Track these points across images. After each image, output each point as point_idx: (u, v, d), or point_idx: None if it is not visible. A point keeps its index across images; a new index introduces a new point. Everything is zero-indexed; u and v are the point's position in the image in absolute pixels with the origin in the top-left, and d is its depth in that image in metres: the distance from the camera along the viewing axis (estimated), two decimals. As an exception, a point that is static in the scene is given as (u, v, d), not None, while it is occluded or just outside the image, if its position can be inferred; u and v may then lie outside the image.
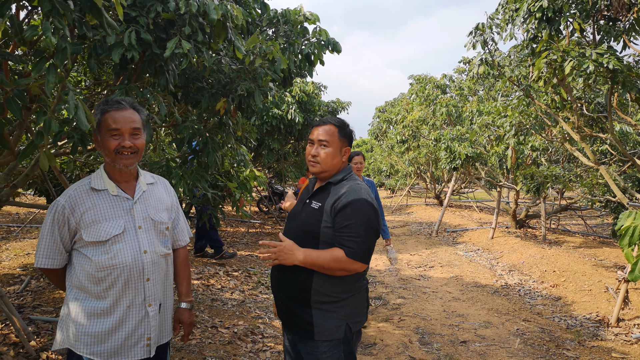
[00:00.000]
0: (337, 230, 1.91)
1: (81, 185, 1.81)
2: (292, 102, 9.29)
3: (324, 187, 2.04)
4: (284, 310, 2.05)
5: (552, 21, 4.72)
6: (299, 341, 2.00)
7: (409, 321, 4.75)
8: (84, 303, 1.76)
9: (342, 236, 1.89)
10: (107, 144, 1.78)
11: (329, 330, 1.92)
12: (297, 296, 1.96)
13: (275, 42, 3.04)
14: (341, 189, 1.97)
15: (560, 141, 6.86)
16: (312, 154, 2.01)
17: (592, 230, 11.00)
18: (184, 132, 3.23)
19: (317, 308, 1.93)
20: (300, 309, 1.95)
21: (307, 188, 2.19)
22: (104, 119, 1.79)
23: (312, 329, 1.92)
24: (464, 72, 13.82)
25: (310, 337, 1.93)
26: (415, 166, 16.24)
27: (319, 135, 2.01)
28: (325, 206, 1.95)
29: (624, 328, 4.61)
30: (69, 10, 1.75)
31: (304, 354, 1.99)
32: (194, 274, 6.05)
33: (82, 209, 1.75)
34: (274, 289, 2.08)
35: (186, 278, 2.10)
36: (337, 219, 1.90)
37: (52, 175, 4.29)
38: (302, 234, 1.98)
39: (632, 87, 4.39)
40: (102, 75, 3.98)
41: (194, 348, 3.70)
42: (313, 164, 2.02)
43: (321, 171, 2.02)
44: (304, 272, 1.94)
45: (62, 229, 1.75)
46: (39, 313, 4.01)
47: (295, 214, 2.11)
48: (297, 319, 1.97)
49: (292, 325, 2.01)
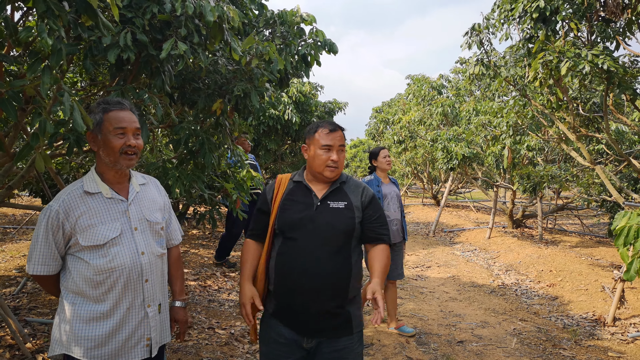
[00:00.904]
0: (370, 222, 2.04)
1: (74, 189, 1.77)
2: (288, 102, 9.29)
3: (337, 187, 2.07)
4: (321, 317, 1.95)
5: (549, 21, 4.74)
6: (329, 343, 1.97)
7: (406, 321, 4.76)
8: (82, 307, 1.74)
9: (376, 227, 2.04)
10: (112, 143, 1.76)
11: (359, 320, 2.04)
12: (340, 298, 1.96)
13: (271, 43, 3.04)
14: (356, 186, 2.10)
15: (556, 141, 6.88)
16: (333, 159, 2.01)
17: (589, 230, 11.05)
18: (181, 133, 3.22)
19: (350, 303, 2.01)
20: (340, 309, 1.97)
21: (293, 192, 2.08)
22: (107, 118, 1.77)
23: (350, 324, 2.00)
24: (460, 72, 13.86)
25: (349, 332, 1.99)
26: (412, 166, 16.27)
27: (338, 140, 2.04)
28: (354, 203, 2.03)
29: (620, 327, 4.63)
30: (64, 11, 1.74)
31: (332, 352, 1.97)
32: (191, 275, 6.04)
33: (77, 214, 1.73)
34: (307, 304, 1.94)
35: (180, 277, 2.10)
36: (367, 212, 2.04)
37: (48, 176, 4.28)
38: (337, 235, 1.97)
39: (628, 87, 4.41)
40: (98, 76, 3.97)
41: (190, 349, 3.69)
42: (333, 169, 2.02)
43: (337, 175, 2.06)
44: (342, 272, 1.96)
45: (57, 235, 1.72)
46: (35, 315, 3.99)
47: (311, 219, 1.99)
48: (335, 319, 1.97)
49: (327, 329, 1.97)
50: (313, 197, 2.03)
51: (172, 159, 3.57)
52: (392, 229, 4.28)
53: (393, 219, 4.32)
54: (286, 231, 2.00)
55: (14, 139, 2.70)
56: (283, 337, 1.99)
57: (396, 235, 4.34)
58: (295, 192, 2.07)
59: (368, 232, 2.04)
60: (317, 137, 2.04)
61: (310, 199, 2.03)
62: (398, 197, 4.43)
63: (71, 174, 4.27)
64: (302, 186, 2.08)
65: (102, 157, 1.79)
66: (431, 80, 13.79)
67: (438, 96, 13.17)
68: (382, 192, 4.34)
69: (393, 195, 4.39)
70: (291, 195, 2.07)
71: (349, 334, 1.99)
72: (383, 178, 4.45)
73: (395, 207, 4.38)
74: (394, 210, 4.35)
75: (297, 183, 2.10)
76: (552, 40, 4.83)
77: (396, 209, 4.38)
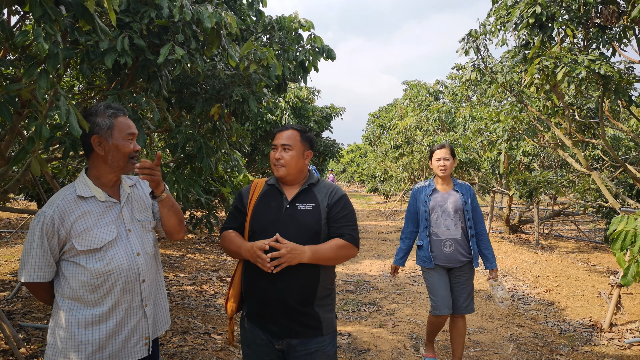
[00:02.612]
0: (334, 221, 2.07)
1: (67, 194, 1.76)
2: (286, 107, 9.31)
3: (305, 189, 2.12)
4: (285, 316, 2.00)
5: (545, 27, 4.77)
6: (302, 343, 2.01)
7: (403, 327, 4.74)
8: (79, 313, 1.73)
9: (340, 226, 2.07)
10: (124, 149, 1.79)
11: (331, 322, 2.08)
12: (306, 295, 2.00)
13: (269, 49, 3.05)
14: (326, 188, 2.15)
15: (552, 147, 6.91)
16: (277, 157, 2.10)
17: (585, 236, 11.07)
18: (178, 137, 3.22)
19: (319, 304, 2.04)
20: (308, 308, 2.01)
21: (266, 195, 2.13)
22: (117, 124, 1.79)
23: (320, 324, 2.03)
24: (456, 78, 13.92)
25: (319, 333, 2.02)
26: (409, 171, 16.28)
27: (282, 139, 2.12)
28: (321, 204, 2.08)
29: (616, 333, 4.63)
30: (61, 15, 1.74)
31: (306, 355, 2.00)
32: (187, 279, 6.01)
33: (72, 218, 1.72)
34: (272, 297, 1.99)
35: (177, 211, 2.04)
36: (332, 211, 2.08)
37: (44, 181, 4.26)
38: (307, 235, 2.02)
39: (624, 93, 4.44)
40: (95, 80, 3.97)
41: (186, 354, 3.67)
42: (278, 167, 2.10)
43: (286, 174, 2.10)
44: (311, 269, 2.00)
45: (52, 241, 1.71)
46: (30, 320, 3.96)
47: (280, 221, 2.04)
48: (304, 318, 2.01)
49: (297, 328, 2.00)
50: (283, 199, 2.10)
51: (169, 163, 3.57)
52: (445, 252, 3.45)
53: (443, 239, 3.46)
54: (257, 234, 2.04)
55: (9, 142, 2.69)
56: (259, 339, 2.05)
57: (450, 258, 3.46)
58: (268, 195, 2.14)
59: (331, 231, 2.08)
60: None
61: (281, 201, 2.10)
62: (458, 210, 3.47)
63: (67, 177, 4.26)
64: (274, 189, 2.15)
65: (109, 161, 1.79)
66: (428, 86, 13.84)
67: (435, 102, 13.21)
68: (430, 204, 3.50)
69: (447, 209, 3.47)
70: (264, 198, 2.13)
71: (319, 334, 2.03)
72: (440, 184, 3.57)
73: (450, 224, 3.46)
74: (445, 227, 3.46)
75: (270, 186, 2.17)
76: (548, 46, 4.86)
77: (450, 226, 3.45)
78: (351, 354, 4.00)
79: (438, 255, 3.50)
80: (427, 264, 3.54)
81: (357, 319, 4.98)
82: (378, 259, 8.54)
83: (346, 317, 5.04)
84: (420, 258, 3.61)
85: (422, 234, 3.56)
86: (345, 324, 4.81)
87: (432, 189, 3.56)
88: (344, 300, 5.71)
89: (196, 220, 4.33)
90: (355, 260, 8.34)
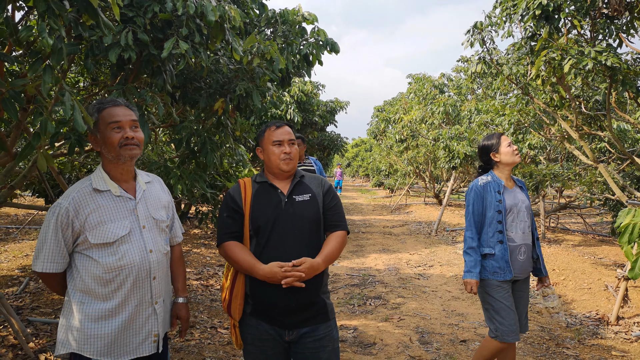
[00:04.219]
0: (328, 209, 2.17)
1: (83, 187, 1.78)
2: (290, 102, 9.29)
3: (299, 181, 2.19)
4: (296, 310, 2.04)
5: (551, 19, 4.72)
6: (312, 330, 2.07)
7: (409, 320, 4.75)
8: (90, 306, 1.75)
9: (333, 215, 2.17)
10: (110, 139, 1.78)
11: (332, 307, 2.18)
12: (316, 288, 2.08)
13: (273, 42, 3.03)
14: (315, 178, 2.25)
15: (559, 139, 6.86)
16: (286, 151, 2.13)
17: (592, 229, 11.01)
18: (182, 132, 3.22)
19: (323, 291, 2.15)
20: (318, 298, 2.11)
21: (260, 192, 2.14)
22: (102, 116, 1.80)
23: (326, 309, 2.12)
24: (462, 71, 13.82)
25: (327, 318, 2.12)
26: (414, 165, 16.23)
27: (287, 135, 2.17)
28: (316, 193, 2.17)
29: (623, 326, 4.61)
30: (65, 10, 1.74)
31: (314, 341, 2.06)
32: (193, 274, 6.04)
33: (86, 211, 1.74)
34: (284, 297, 2.01)
35: (182, 274, 2.14)
36: (326, 200, 2.18)
37: (50, 176, 4.28)
38: (308, 226, 2.09)
39: (631, 85, 4.39)
40: (99, 75, 3.98)
41: (193, 349, 3.69)
42: (288, 162, 2.13)
43: (294, 167, 2.17)
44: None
45: (66, 232, 1.73)
46: (38, 315, 4.00)
47: (282, 215, 2.06)
48: (316, 307, 2.09)
49: (310, 317, 2.08)
50: (279, 194, 2.12)
51: (174, 158, 3.57)
52: (519, 260, 2.91)
53: (519, 245, 2.92)
54: (260, 232, 2.06)
55: (15, 138, 2.70)
56: (266, 334, 2.06)
57: (523, 268, 2.94)
58: (262, 193, 2.14)
59: (326, 221, 2.16)
60: (267, 136, 2.17)
61: (277, 196, 2.12)
62: (528, 210, 2.98)
63: (73, 173, 4.28)
64: (266, 185, 2.16)
65: (105, 154, 1.82)
66: (433, 79, 13.76)
67: (440, 95, 13.13)
68: (506, 203, 2.91)
69: (521, 208, 2.95)
70: (259, 195, 2.14)
71: (326, 320, 2.11)
72: (506, 180, 2.99)
73: (525, 227, 2.94)
74: (521, 231, 2.93)
75: (262, 183, 2.17)
76: (555, 37, 4.81)
77: (525, 229, 2.94)
78: (357, 348, 4.01)
79: (513, 265, 2.90)
80: (500, 275, 2.87)
81: (363, 313, 4.99)
82: (383, 253, 8.53)
83: (352, 311, 5.05)
84: (490, 270, 2.89)
85: (492, 240, 2.90)
86: (351, 318, 4.82)
87: (501, 185, 2.95)
88: (349, 294, 5.72)
89: (202, 215, 4.34)
90: (361, 254, 8.35)
